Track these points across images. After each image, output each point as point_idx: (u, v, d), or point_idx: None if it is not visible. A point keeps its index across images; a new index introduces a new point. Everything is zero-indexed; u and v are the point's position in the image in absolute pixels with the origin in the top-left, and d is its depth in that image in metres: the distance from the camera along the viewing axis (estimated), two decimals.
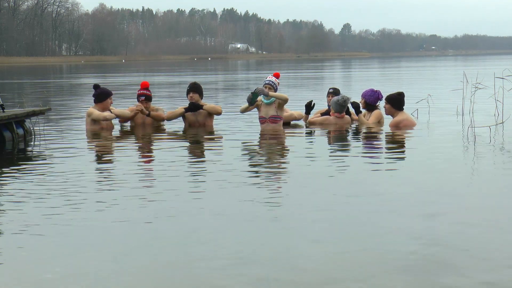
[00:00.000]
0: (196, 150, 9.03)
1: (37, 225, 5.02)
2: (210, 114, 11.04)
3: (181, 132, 10.57)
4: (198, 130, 10.64)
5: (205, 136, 10.08)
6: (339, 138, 9.83)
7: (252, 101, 10.19)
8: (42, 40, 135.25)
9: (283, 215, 5.18)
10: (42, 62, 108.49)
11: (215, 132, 10.48)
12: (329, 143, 9.37)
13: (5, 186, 6.49)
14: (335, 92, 11.55)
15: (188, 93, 11.05)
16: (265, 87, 10.32)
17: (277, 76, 10.63)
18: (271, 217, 5.14)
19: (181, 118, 11.13)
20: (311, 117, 11.20)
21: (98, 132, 10.59)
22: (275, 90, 10.38)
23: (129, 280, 3.81)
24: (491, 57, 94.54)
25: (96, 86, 10.95)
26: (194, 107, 10.95)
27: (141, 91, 11.10)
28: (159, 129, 10.89)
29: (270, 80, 10.51)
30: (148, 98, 11.12)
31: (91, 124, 10.83)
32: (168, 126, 11.14)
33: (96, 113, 10.76)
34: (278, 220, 5.04)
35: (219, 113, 11.09)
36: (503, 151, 8.16)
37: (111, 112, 10.87)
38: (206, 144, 9.48)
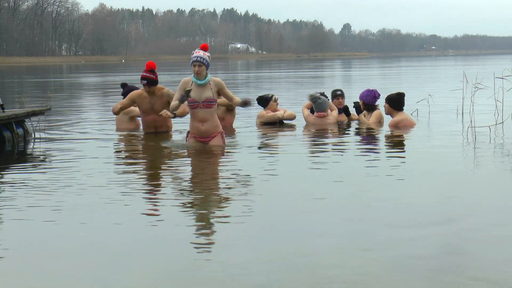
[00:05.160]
0: (201, 150, 9.02)
1: (37, 225, 5.02)
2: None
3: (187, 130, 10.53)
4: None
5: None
6: (334, 138, 9.82)
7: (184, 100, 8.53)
8: (42, 40, 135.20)
9: (286, 218, 5.18)
10: (42, 62, 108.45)
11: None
12: (326, 144, 9.35)
13: (5, 186, 6.49)
14: (342, 94, 11.55)
15: None
16: (195, 65, 8.40)
17: (205, 48, 8.59)
18: (274, 219, 5.14)
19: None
20: (304, 107, 11.29)
21: (134, 130, 10.55)
22: (207, 67, 8.48)
23: (129, 281, 3.81)
24: (491, 57, 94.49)
25: (123, 85, 10.89)
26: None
27: (145, 74, 9.98)
28: (168, 126, 10.48)
29: (200, 57, 8.43)
30: (151, 83, 10.02)
31: (128, 123, 10.79)
32: (180, 122, 11.00)
33: (136, 111, 10.53)
34: (282, 223, 5.04)
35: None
36: (503, 151, 8.15)
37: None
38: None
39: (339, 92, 11.52)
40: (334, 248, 4.28)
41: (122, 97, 10.78)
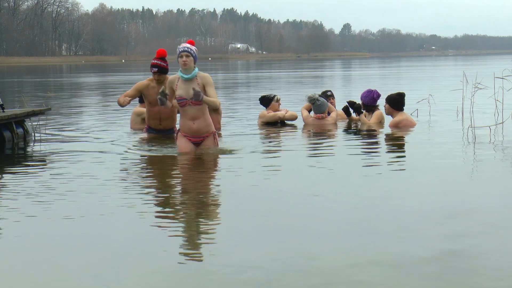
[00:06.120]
0: (200, 151, 9.01)
1: (36, 225, 5.02)
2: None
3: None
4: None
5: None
6: (335, 139, 9.82)
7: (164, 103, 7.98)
8: (42, 40, 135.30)
9: (286, 218, 5.18)
10: (42, 62, 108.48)
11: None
12: (326, 144, 9.35)
13: (5, 186, 6.49)
14: (332, 94, 11.66)
15: None
16: (182, 56, 7.99)
17: (191, 43, 8.24)
18: (274, 219, 5.14)
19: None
20: (303, 107, 11.30)
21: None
22: (195, 59, 8.07)
23: (129, 281, 3.81)
24: (491, 57, 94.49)
25: None
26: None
27: (155, 61, 9.69)
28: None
29: (187, 47, 8.07)
30: (162, 70, 9.70)
31: (140, 124, 10.81)
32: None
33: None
34: (282, 223, 5.03)
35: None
36: (503, 151, 8.15)
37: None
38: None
39: (329, 93, 11.67)
40: (335, 248, 4.28)
41: (138, 98, 10.66)
